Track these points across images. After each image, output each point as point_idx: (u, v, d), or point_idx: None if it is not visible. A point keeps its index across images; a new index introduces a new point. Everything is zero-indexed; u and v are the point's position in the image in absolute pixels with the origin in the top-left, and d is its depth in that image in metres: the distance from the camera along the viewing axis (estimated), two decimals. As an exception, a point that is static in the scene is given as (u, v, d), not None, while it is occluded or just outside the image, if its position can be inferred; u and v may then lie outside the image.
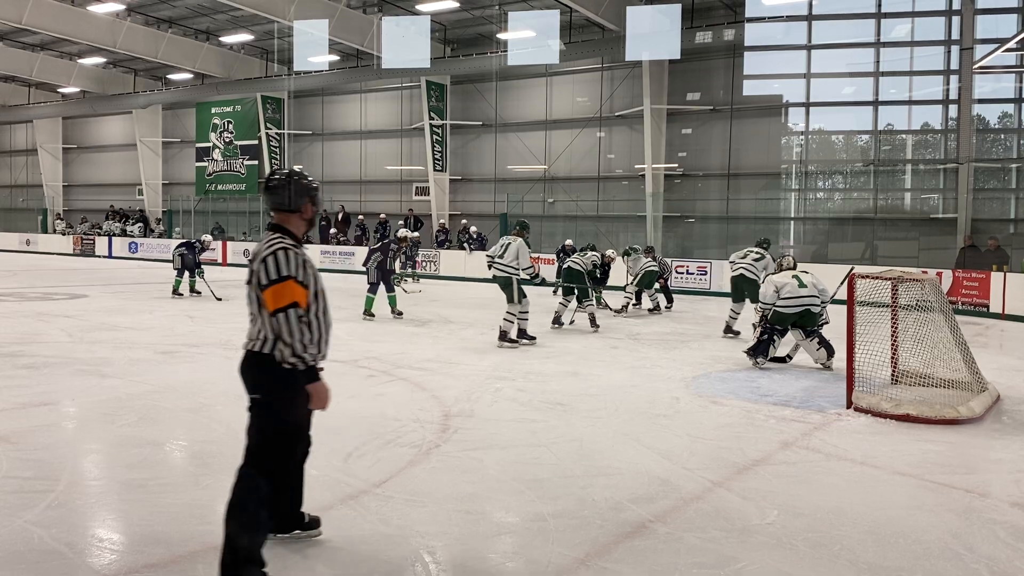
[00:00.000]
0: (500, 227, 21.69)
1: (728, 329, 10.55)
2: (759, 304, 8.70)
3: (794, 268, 8.48)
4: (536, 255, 18.93)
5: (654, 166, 20.06)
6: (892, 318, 7.02)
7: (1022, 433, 5.77)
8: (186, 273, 14.35)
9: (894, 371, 6.98)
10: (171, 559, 3.43)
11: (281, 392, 3.30)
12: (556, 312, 11.36)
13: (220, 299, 13.45)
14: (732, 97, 19.42)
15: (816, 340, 8.15)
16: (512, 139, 23.13)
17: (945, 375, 6.72)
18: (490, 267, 9.72)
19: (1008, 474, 4.83)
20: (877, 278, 6.90)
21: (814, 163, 19.38)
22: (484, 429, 5.67)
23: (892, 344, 6.95)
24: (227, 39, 24.47)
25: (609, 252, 13.63)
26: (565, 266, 11.60)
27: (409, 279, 18.66)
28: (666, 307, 13.88)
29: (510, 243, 9.63)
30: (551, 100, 22.43)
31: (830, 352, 8.12)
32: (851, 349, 6.45)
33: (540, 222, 21.42)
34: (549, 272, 18.33)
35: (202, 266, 14.58)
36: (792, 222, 19.71)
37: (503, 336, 9.38)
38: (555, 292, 14.47)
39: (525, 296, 9.53)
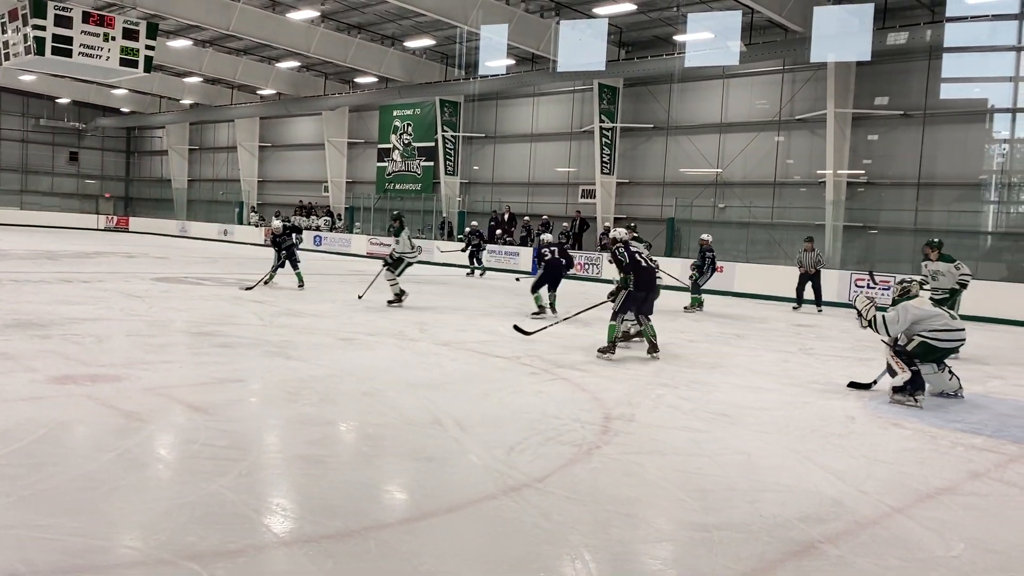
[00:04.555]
0: (667, 231, 21.37)
1: None
2: (889, 334, 7.13)
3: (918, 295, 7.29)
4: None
5: (836, 172, 19.08)
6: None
7: None
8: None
9: (1108, 404, 6.28)
10: (345, 532, 3.62)
11: None
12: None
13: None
14: (926, 101, 18.14)
15: (947, 370, 7.22)
16: (683, 142, 22.72)
17: None
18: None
19: None
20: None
21: (1019, 174, 17.76)
22: (645, 434, 5.61)
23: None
24: (410, 44, 25.56)
25: (705, 237, 14.00)
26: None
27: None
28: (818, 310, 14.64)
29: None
30: (727, 103, 21.84)
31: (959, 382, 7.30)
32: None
33: (710, 227, 20.89)
34: (723, 280, 17.88)
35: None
36: (990, 237, 18.17)
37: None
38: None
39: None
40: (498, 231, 24.79)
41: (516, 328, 9.71)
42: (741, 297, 17.43)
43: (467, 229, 21.10)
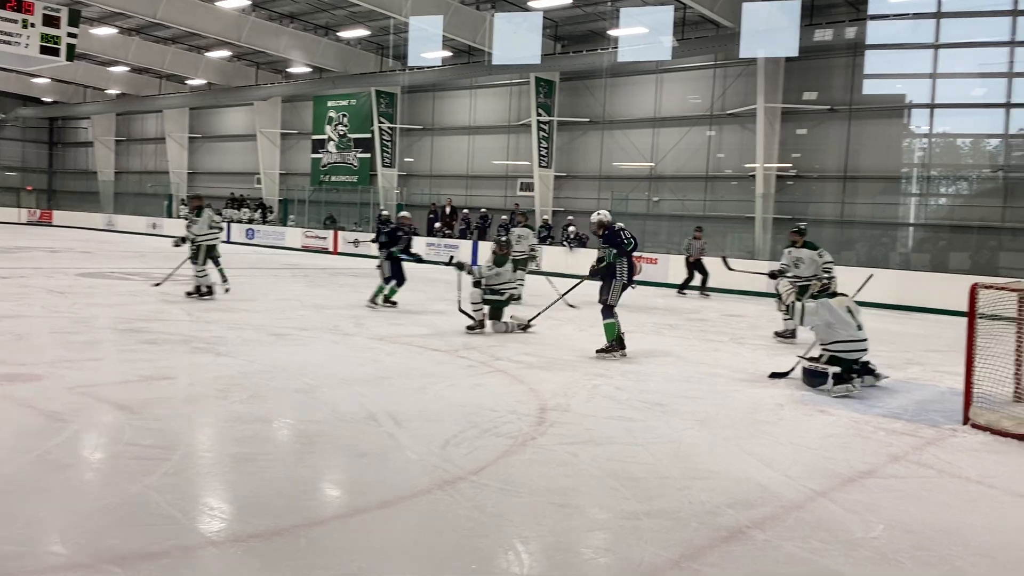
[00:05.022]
0: (604, 225, 21.53)
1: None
2: (803, 323, 7.39)
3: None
4: (638, 254, 18.76)
5: (766, 166, 19.52)
6: (1018, 333, 6.63)
7: None
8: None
9: (1017, 388, 6.58)
10: (275, 530, 3.57)
11: None
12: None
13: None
14: (852, 97, 18.68)
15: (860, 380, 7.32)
16: (619, 136, 22.96)
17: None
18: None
19: None
20: (1003, 289, 6.51)
21: (937, 167, 18.44)
22: (580, 424, 5.66)
23: (1016, 360, 6.56)
24: (345, 34, 25.22)
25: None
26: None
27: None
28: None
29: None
30: (660, 97, 22.13)
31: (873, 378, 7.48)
32: (970, 363, 6.12)
33: (644, 221, 21.19)
34: (656, 271, 18.14)
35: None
36: (911, 228, 18.83)
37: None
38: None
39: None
40: (437, 224, 24.69)
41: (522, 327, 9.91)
42: (674, 288, 17.69)
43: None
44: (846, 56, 18.38)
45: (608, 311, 8.41)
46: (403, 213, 12.80)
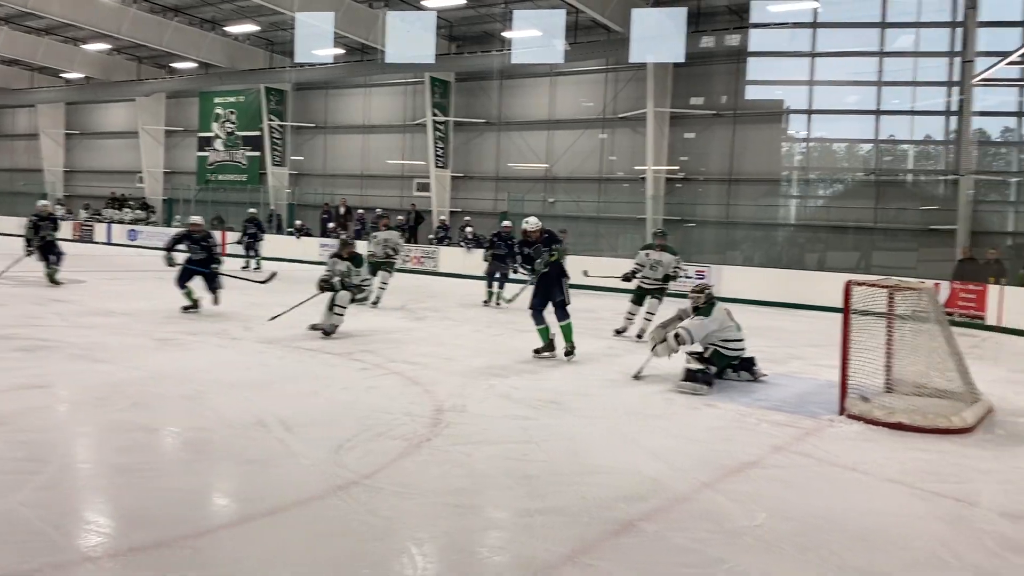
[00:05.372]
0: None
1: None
2: (694, 341, 7.45)
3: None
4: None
5: (655, 169, 20.05)
6: (888, 326, 7.02)
7: (1013, 444, 5.78)
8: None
9: (888, 379, 6.97)
10: (158, 542, 3.43)
11: None
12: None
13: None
14: (735, 102, 19.41)
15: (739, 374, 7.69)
16: (515, 138, 23.12)
17: (939, 385, 6.72)
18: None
19: (997, 484, 4.84)
20: (874, 286, 6.90)
21: (815, 171, 19.37)
22: (475, 424, 5.67)
23: (886, 353, 6.95)
24: (232, 29, 24.44)
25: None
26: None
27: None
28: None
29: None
30: (555, 100, 22.41)
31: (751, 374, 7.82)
32: (846, 356, 6.45)
33: (541, 221, 21.37)
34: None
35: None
36: (791, 229, 19.72)
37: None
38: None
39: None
40: (330, 224, 24.22)
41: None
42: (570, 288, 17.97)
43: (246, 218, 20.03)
44: (730, 63, 19.07)
45: (565, 311, 8.52)
46: (193, 218, 11.51)
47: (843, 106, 18.79)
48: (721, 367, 7.50)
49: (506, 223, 14.25)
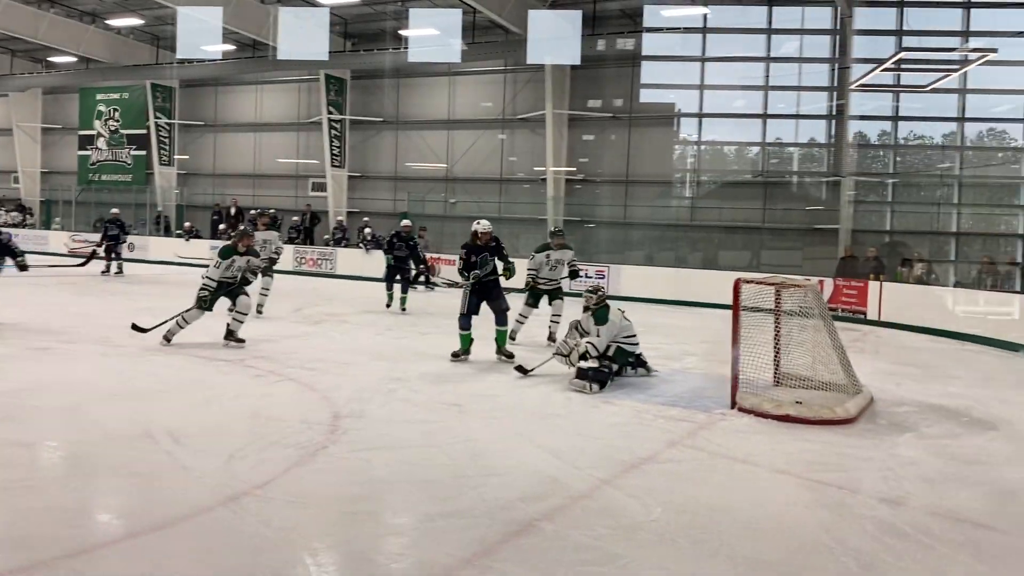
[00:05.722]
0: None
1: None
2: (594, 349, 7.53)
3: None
4: (436, 255, 18.89)
5: (555, 170, 20.27)
6: (775, 322, 7.30)
7: (892, 433, 6.09)
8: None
9: (776, 373, 7.25)
10: (32, 564, 3.23)
11: None
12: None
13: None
14: (631, 105, 19.82)
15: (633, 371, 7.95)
16: (413, 137, 22.95)
17: (824, 378, 7.03)
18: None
19: (877, 471, 5.08)
20: (761, 283, 7.15)
21: (706, 173, 19.99)
22: (375, 430, 5.57)
23: (775, 348, 7.22)
24: (114, 22, 23.35)
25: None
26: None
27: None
28: None
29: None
30: (454, 100, 22.36)
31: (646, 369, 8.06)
32: (736, 352, 6.66)
33: (442, 222, 21.33)
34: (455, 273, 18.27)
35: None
36: (685, 229, 20.28)
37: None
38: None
39: None
40: (221, 226, 23.44)
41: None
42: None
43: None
44: (625, 66, 19.46)
45: (505, 317, 8.58)
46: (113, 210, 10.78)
47: (732, 110, 19.43)
48: (622, 363, 7.67)
49: (406, 222, 14.04)
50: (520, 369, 7.84)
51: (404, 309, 13.02)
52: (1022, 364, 10.19)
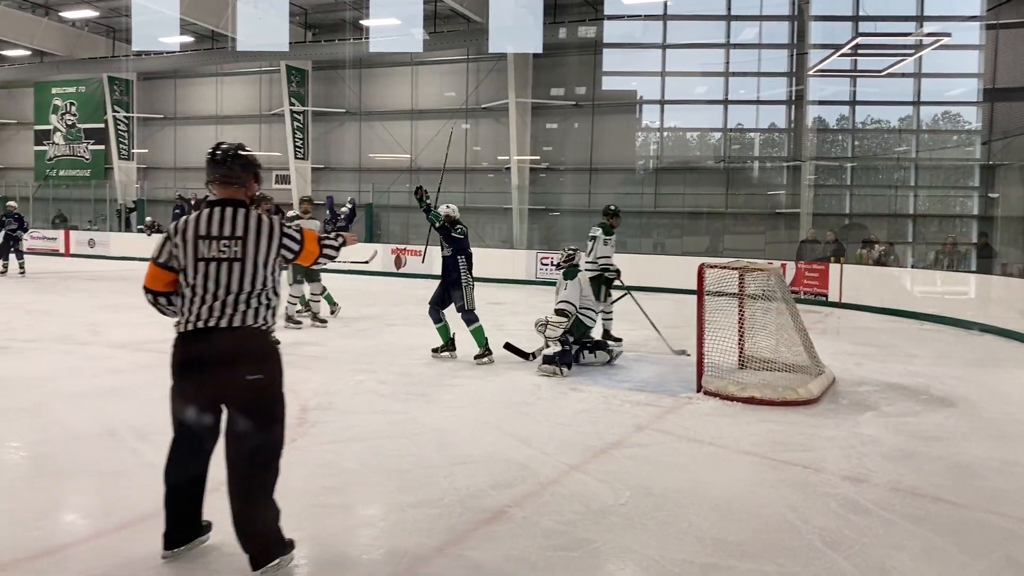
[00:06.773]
0: (367, 216, 21.34)
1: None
2: (569, 306, 7.70)
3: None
4: (403, 246, 18.83)
5: (519, 159, 20.28)
6: (739, 306, 7.40)
7: (854, 413, 6.21)
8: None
9: (741, 356, 7.35)
10: (-5, 569, 3.18)
11: (279, 368, 3.51)
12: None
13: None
14: (593, 93, 19.87)
15: (594, 352, 7.90)
16: (377, 128, 22.80)
17: (787, 359, 7.15)
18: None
19: (840, 450, 5.18)
20: (725, 268, 7.24)
21: (669, 159, 20.12)
22: (343, 422, 5.56)
23: (739, 331, 7.32)
24: (69, 14, 22.85)
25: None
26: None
27: None
28: None
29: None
30: (417, 90, 22.25)
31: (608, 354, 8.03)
32: (701, 336, 6.75)
33: (407, 214, 21.24)
34: (420, 264, 18.23)
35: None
36: (649, 216, 20.41)
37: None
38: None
39: None
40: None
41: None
42: (437, 279, 17.94)
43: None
44: (587, 54, 19.50)
45: (470, 316, 8.04)
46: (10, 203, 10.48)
47: (694, 96, 19.58)
48: (579, 335, 7.74)
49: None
50: (509, 346, 7.95)
51: None
52: (978, 342, 10.44)
